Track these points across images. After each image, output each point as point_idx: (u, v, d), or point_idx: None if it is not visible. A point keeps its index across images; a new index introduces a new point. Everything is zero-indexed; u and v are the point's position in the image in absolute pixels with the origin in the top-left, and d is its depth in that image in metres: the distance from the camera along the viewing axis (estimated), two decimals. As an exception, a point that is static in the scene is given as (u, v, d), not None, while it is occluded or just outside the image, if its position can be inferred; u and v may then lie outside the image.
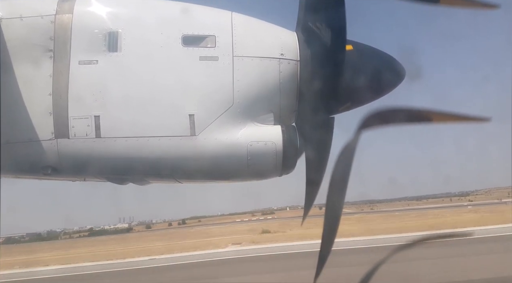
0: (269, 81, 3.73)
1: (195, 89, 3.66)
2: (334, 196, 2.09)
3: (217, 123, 3.61)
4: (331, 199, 2.10)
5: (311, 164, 3.81)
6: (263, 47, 3.79)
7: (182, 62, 3.67)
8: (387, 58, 3.98)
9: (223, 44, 3.69)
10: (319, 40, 3.71)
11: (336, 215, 2.26)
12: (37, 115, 3.56)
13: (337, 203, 2.15)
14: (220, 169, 3.78)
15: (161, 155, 3.61)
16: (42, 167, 3.63)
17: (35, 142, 3.55)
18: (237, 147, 3.64)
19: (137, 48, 3.68)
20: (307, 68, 3.74)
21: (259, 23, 4.01)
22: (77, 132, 3.52)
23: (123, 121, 3.59)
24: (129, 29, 3.70)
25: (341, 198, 2.11)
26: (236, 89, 3.64)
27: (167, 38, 3.69)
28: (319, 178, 3.78)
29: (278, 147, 3.66)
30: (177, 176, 3.92)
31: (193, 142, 3.57)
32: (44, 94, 3.56)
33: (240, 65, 3.67)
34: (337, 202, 2.14)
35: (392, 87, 4.02)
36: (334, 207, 2.18)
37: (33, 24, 3.63)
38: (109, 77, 3.63)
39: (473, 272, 14.92)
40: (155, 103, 3.63)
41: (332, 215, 2.25)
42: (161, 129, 3.58)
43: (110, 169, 3.75)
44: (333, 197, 2.09)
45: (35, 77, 3.60)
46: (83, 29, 3.66)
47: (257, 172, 3.80)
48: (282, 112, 3.79)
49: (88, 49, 3.62)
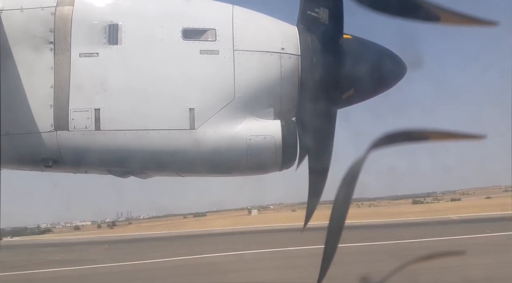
0: (270, 75, 3.72)
1: (196, 83, 3.66)
2: (339, 203, 2.16)
3: (217, 117, 3.61)
4: (336, 206, 2.16)
5: (314, 161, 3.80)
6: (264, 41, 3.77)
7: (182, 56, 3.66)
8: (389, 54, 3.96)
9: (224, 38, 3.67)
10: (320, 34, 3.70)
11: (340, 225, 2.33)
12: (38, 107, 3.56)
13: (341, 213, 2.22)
14: (220, 162, 3.78)
15: (160, 148, 3.62)
16: (42, 159, 3.65)
17: (35, 134, 3.56)
18: (236, 141, 3.64)
19: (138, 41, 3.67)
20: (308, 62, 3.73)
21: (260, 17, 3.99)
22: (76, 125, 3.53)
23: (123, 114, 3.59)
24: (130, 21, 3.68)
25: (346, 205, 2.18)
26: (237, 83, 3.63)
27: (167, 31, 3.68)
28: (322, 176, 3.73)
29: (278, 141, 3.66)
30: (177, 169, 3.93)
31: (192, 136, 3.58)
32: (45, 87, 3.56)
33: (241, 59, 3.65)
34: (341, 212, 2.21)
35: (393, 82, 4.01)
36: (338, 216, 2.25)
37: (34, 16, 3.62)
38: (109, 70, 3.62)
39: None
40: (154, 96, 3.63)
41: (336, 224, 2.32)
42: (161, 122, 3.59)
43: (110, 162, 3.77)
44: (339, 204, 2.16)
45: (36, 69, 3.60)
46: (84, 21, 3.64)
47: (256, 166, 3.81)
48: (282, 107, 3.78)
49: (88, 41, 3.61)
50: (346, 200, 2.15)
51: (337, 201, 2.14)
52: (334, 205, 2.17)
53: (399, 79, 3.99)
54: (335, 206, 2.17)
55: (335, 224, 2.30)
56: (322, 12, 3.61)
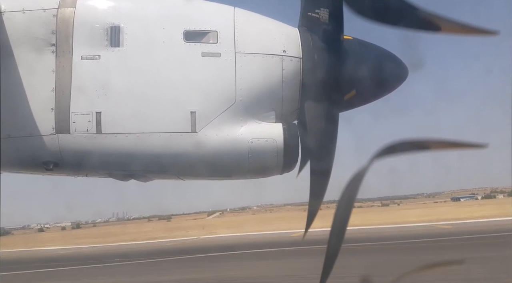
0: (272, 78, 3.70)
1: (197, 85, 3.64)
2: (341, 210, 2.16)
3: (218, 120, 3.60)
4: (339, 212, 2.17)
5: (316, 164, 3.75)
6: (265, 43, 3.76)
7: (184, 58, 3.65)
8: (391, 56, 3.95)
9: (226, 40, 3.66)
10: (322, 36, 3.68)
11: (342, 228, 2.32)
12: (39, 110, 3.55)
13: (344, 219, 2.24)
14: (221, 166, 3.76)
15: (161, 151, 3.61)
16: (44, 162, 3.63)
17: (36, 137, 3.55)
18: (238, 144, 3.62)
19: (139, 44, 3.66)
20: (310, 64, 3.71)
21: (261, 19, 3.98)
22: (78, 128, 3.52)
23: (124, 117, 3.58)
24: (131, 24, 3.67)
25: (348, 212, 2.18)
26: (239, 86, 3.62)
27: (169, 33, 3.67)
28: (324, 179, 3.69)
29: (279, 144, 3.64)
30: (178, 172, 3.92)
31: (193, 139, 3.56)
32: (46, 90, 3.55)
33: (242, 62, 3.64)
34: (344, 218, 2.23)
35: (395, 84, 3.99)
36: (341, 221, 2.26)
37: (35, 18, 3.61)
38: (111, 73, 3.61)
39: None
40: (156, 99, 3.62)
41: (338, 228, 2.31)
42: (162, 125, 3.57)
43: (111, 165, 3.75)
44: (341, 211, 2.17)
45: (38, 71, 3.59)
46: (85, 23, 3.63)
47: (258, 170, 3.79)
48: (284, 110, 3.77)
49: (90, 43, 3.60)
50: (348, 206, 2.15)
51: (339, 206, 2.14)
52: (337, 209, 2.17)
53: (401, 82, 3.97)
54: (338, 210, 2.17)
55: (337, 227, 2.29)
56: (323, 13, 3.59)
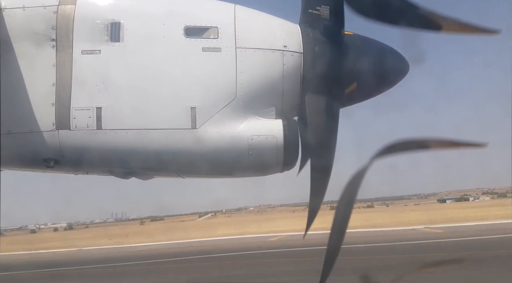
0: (272, 73, 3.69)
1: (198, 81, 3.63)
2: (342, 209, 2.17)
3: (218, 116, 3.58)
4: (339, 212, 2.17)
5: (316, 161, 3.71)
6: (266, 38, 3.75)
7: (184, 53, 3.64)
8: (392, 51, 3.94)
9: (226, 36, 3.65)
10: (323, 32, 3.67)
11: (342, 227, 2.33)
12: (39, 105, 3.55)
13: (344, 218, 2.24)
14: (221, 163, 3.75)
15: (161, 148, 3.60)
16: (44, 159, 3.63)
17: (37, 133, 3.54)
18: (238, 141, 3.61)
19: (139, 39, 3.65)
20: (311, 60, 3.70)
21: (262, 16, 3.97)
22: (78, 124, 3.51)
23: (124, 113, 3.57)
24: (132, 19, 3.67)
25: (348, 212, 2.18)
26: (239, 81, 3.60)
27: (169, 28, 3.66)
28: (325, 176, 3.66)
29: (279, 141, 3.63)
30: (178, 169, 3.91)
31: (193, 135, 3.55)
32: (47, 85, 3.55)
33: (243, 57, 3.63)
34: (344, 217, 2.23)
35: (396, 79, 3.98)
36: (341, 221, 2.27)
37: (36, 14, 3.61)
38: (111, 68, 3.61)
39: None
40: (156, 94, 3.61)
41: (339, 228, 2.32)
42: (162, 121, 3.56)
43: (111, 161, 3.74)
44: (341, 210, 2.17)
45: (38, 67, 3.59)
46: (86, 19, 3.63)
47: (258, 167, 3.77)
48: (284, 106, 3.75)
49: (90, 39, 3.60)
50: (349, 206, 2.16)
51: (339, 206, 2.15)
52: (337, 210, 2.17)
53: (402, 77, 3.96)
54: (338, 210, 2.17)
55: (337, 227, 2.30)
56: (323, 10, 3.58)
